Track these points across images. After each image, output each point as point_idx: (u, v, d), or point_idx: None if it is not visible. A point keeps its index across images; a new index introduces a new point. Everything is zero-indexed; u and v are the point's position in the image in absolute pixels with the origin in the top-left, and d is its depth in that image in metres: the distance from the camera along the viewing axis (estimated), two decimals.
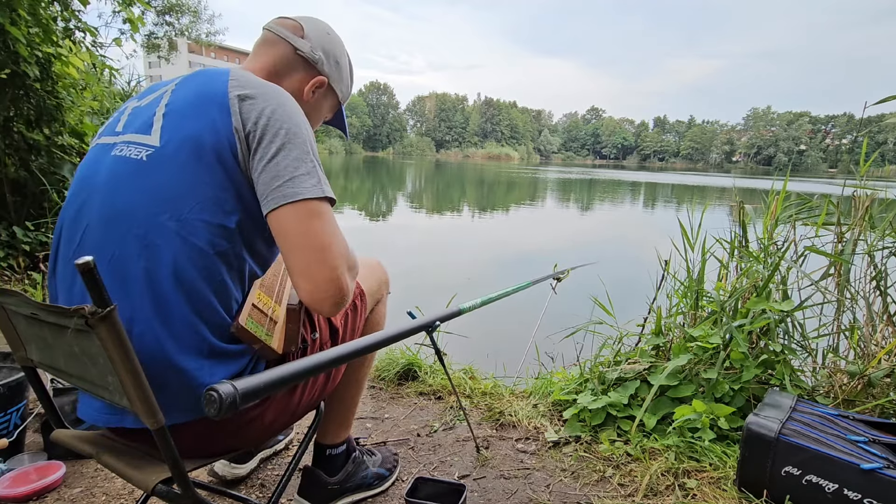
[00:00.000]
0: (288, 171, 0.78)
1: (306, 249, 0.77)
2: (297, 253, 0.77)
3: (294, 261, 0.77)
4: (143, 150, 0.79)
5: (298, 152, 0.80)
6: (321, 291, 0.77)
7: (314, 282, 0.77)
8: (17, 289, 0.79)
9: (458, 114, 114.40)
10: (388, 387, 2.07)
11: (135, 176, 0.77)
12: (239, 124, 0.78)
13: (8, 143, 3.21)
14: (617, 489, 1.41)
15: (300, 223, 0.77)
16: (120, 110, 0.91)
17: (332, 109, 1.12)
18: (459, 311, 1.25)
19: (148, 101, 0.87)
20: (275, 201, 0.77)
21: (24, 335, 0.83)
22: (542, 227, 11.17)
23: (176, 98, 0.83)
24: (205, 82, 0.84)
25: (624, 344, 2.03)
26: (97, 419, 0.83)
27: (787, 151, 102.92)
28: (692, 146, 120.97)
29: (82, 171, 0.85)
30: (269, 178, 0.78)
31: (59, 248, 0.83)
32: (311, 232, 0.77)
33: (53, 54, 3.16)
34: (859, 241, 1.78)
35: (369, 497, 1.36)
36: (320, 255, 0.77)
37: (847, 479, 1.17)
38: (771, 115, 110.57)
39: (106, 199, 0.78)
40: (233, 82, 0.82)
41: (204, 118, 0.78)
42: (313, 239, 0.77)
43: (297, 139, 0.81)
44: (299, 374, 0.73)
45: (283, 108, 0.82)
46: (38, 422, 1.59)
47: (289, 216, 0.77)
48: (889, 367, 1.58)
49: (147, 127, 0.81)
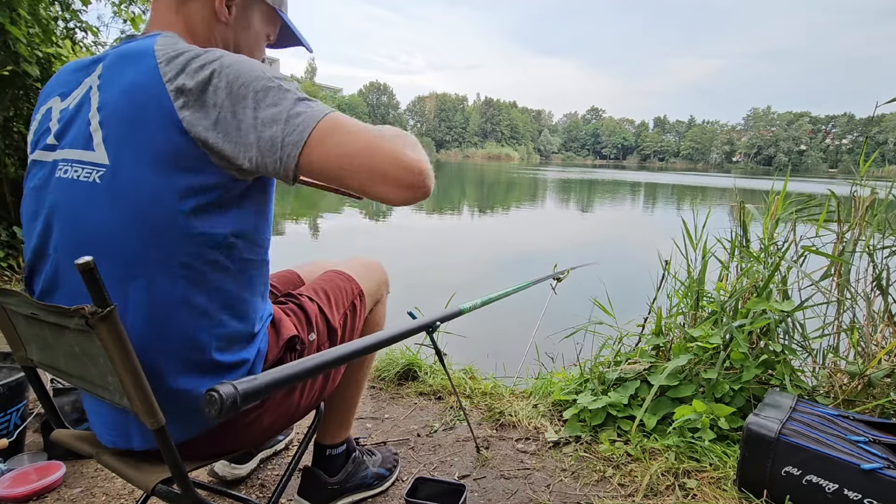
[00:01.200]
0: (277, 117, 0.70)
1: (358, 162, 0.70)
2: (354, 171, 0.71)
3: (356, 180, 0.71)
4: (91, 170, 0.70)
5: (271, 96, 0.71)
6: (403, 181, 0.71)
7: (389, 180, 0.71)
8: (17, 289, 0.78)
9: (458, 114, 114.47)
10: (388, 387, 2.07)
11: (93, 203, 0.70)
12: (195, 121, 0.69)
13: (8, 143, 3.21)
14: (617, 489, 1.41)
15: (332, 148, 0.70)
16: (41, 111, 0.80)
17: (264, 21, 0.93)
18: (459, 311, 1.25)
19: (74, 100, 0.76)
20: (291, 155, 0.70)
21: (25, 335, 0.83)
22: (542, 228, 11.17)
23: (107, 100, 0.72)
24: (132, 73, 0.72)
25: (624, 344, 2.03)
26: (107, 441, 0.83)
27: (788, 151, 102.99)
28: (692, 146, 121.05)
29: (32, 194, 0.77)
30: (267, 143, 0.70)
31: (34, 281, 0.79)
32: (347, 145, 0.70)
33: (54, 54, 3.17)
34: (859, 241, 1.78)
35: (369, 497, 1.36)
36: (371, 155, 0.70)
37: (847, 479, 1.17)
38: (771, 115, 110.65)
39: (70, 229, 0.72)
40: (163, 68, 0.70)
41: (152, 124, 0.69)
42: (355, 146, 0.70)
43: (258, 85, 0.71)
44: (299, 375, 0.73)
45: (227, 74, 0.70)
46: (38, 422, 1.59)
47: (316, 152, 0.70)
48: (889, 367, 1.58)
49: (86, 141, 0.71)
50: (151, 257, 0.71)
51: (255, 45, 0.94)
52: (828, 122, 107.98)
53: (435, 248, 7.97)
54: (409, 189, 0.72)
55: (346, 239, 8.38)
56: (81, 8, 3.49)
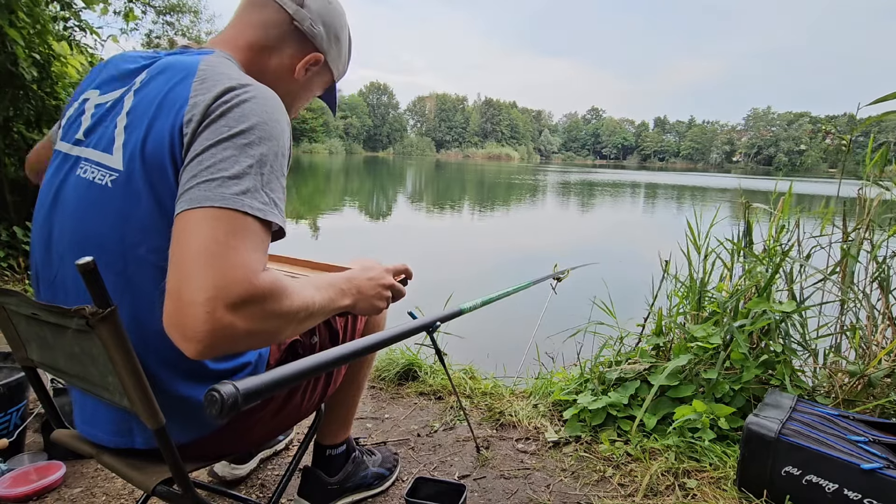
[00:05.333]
0: (223, 171, 0.64)
1: (188, 265, 0.59)
2: (178, 267, 0.60)
3: (171, 274, 0.60)
4: (106, 174, 0.71)
5: (248, 166, 0.65)
6: (182, 322, 0.58)
7: (179, 310, 0.58)
8: (18, 289, 0.78)
9: (459, 114, 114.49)
10: (388, 387, 2.07)
11: (102, 204, 0.71)
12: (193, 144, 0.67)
13: (8, 143, 3.21)
14: (617, 489, 1.41)
15: (200, 233, 0.61)
16: (80, 99, 0.81)
17: (323, 87, 1.00)
18: (460, 311, 1.25)
19: (111, 99, 0.77)
20: (183, 201, 0.63)
21: (25, 335, 0.83)
22: (541, 228, 11.17)
23: (137, 105, 0.72)
24: (168, 86, 0.72)
25: (624, 344, 2.03)
26: (105, 441, 0.82)
27: (788, 151, 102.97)
28: (692, 146, 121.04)
29: (48, 184, 0.78)
30: (190, 175, 0.65)
31: (39, 273, 0.80)
32: (209, 246, 0.60)
33: (53, 54, 3.17)
34: (865, 240, 1.77)
35: (369, 497, 1.36)
36: (200, 276, 0.58)
37: (847, 479, 1.17)
38: (771, 116, 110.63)
39: (77, 228, 0.73)
40: (196, 86, 0.70)
41: (164, 137, 0.68)
42: (208, 253, 0.59)
43: (265, 160, 0.67)
44: (301, 374, 0.72)
45: (253, 126, 0.67)
46: (39, 422, 1.59)
47: (191, 219, 0.62)
48: (889, 367, 1.58)
49: (108, 144, 0.72)
50: (147, 262, 0.70)
51: (304, 99, 0.97)
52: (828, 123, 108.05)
53: (435, 248, 7.97)
54: (180, 332, 0.58)
55: (346, 239, 8.38)
56: (82, 7, 3.49)
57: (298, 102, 0.97)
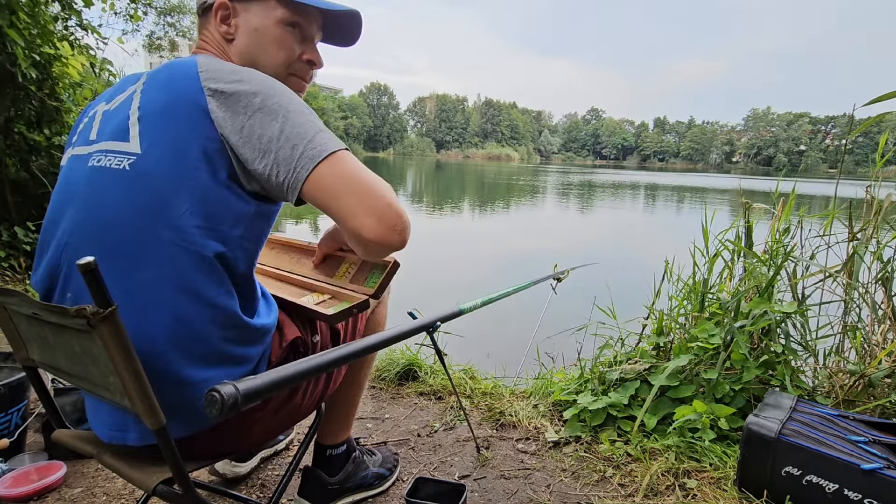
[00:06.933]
0: (301, 136, 0.75)
1: (354, 191, 0.75)
2: (348, 197, 0.74)
3: (346, 206, 0.74)
4: (123, 158, 0.75)
5: (300, 120, 0.77)
6: (386, 220, 0.74)
7: (375, 213, 0.74)
8: (19, 289, 0.79)
9: (459, 114, 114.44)
10: (388, 387, 2.07)
11: (118, 187, 0.74)
12: (223, 121, 0.74)
13: (9, 144, 3.21)
14: (617, 489, 1.41)
15: (338, 173, 0.75)
16: (89, 114, 0.86)
17: (279, 22, 0.89)
18: (460, 311, 1.25)
19: (118, 102, 0.82)
20: (305, 167, 0.74)
21: (26, 335, 0.83)
22: (542, 228, 11.16)
23: (148, 99, 0.78)
24: (175, 77, 0.79)
25: (624, 344, 2.03)
26: (104, 435, 0.84)
27: (787, 152, 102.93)
28: (692, 146, 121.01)
29: (60, 186, 0.82)
30: (286, 154, 0.75)
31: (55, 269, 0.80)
32: (352, 175, 0.76)
33: (53, 55, 3.17)
34: (871, 240, 1.77)
35: (369, 497, 1.36)
36: (368, 189, 0.75)
37: (847, 479, 1.17)
38: (771, 116, 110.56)
39: (90, 215, 0.75)
40: (203, 74, 0.77)
41: (184, 118, 0.74)
42: (357, 178, 0.75)
43: (292, 107, 0.77)
44: (301, 375, 0.73)
45: (263, 91, 0.77)
46: (39, 422, 1.59)
47: (324, 172, 0.75)
48: (889, 367, 1.58)
49: (123, 133, 0.76)
50: (163, 240, 0.72)
51: (273, 47, 0.90)
52: (827, 123, 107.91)
53: (435, 248, 7.96)
54: (389, 229, 0.75)
55: None
56: (83, 7, 3.49)
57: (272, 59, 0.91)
